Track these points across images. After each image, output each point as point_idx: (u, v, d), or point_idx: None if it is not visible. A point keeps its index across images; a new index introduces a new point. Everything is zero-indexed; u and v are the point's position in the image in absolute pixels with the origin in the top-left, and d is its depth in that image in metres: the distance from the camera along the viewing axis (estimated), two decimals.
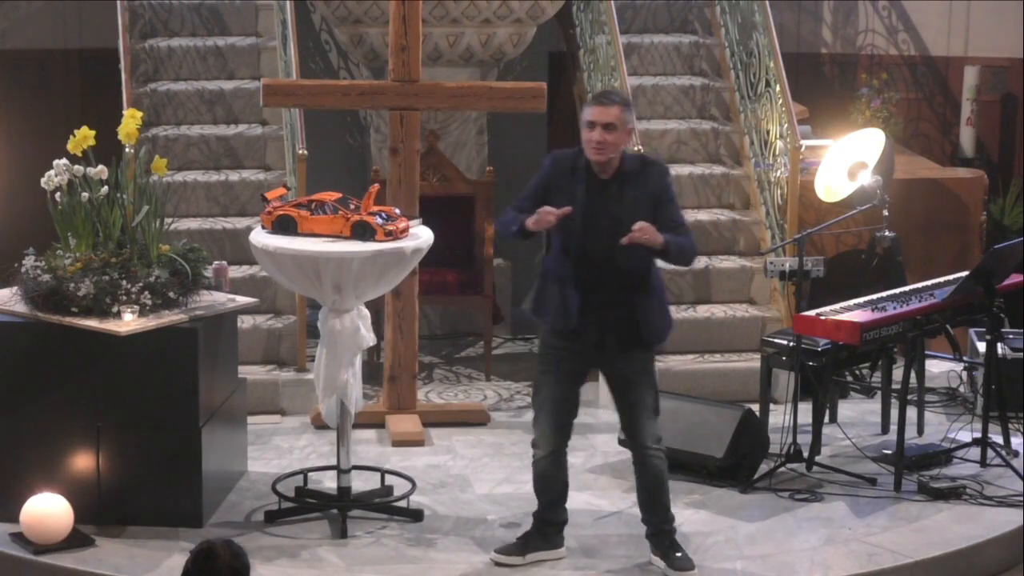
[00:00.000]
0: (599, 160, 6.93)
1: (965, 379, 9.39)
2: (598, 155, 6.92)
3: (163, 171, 7.77)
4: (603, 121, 6.90)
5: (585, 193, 6.95)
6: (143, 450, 7.49)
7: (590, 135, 6.92)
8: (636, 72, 10.69)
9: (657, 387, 7.19)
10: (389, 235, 7.48)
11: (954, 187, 10.41)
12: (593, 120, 6.91)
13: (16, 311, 7.53)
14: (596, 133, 6.90)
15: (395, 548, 7.40)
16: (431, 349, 10.33)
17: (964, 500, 7.97)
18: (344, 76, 11.01)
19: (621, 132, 6.93)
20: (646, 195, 6.96)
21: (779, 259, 9.16)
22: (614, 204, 6.95)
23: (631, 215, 6.89)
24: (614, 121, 6.90)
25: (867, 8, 11.87)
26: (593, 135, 6.91)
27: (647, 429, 7.13)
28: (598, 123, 6.90)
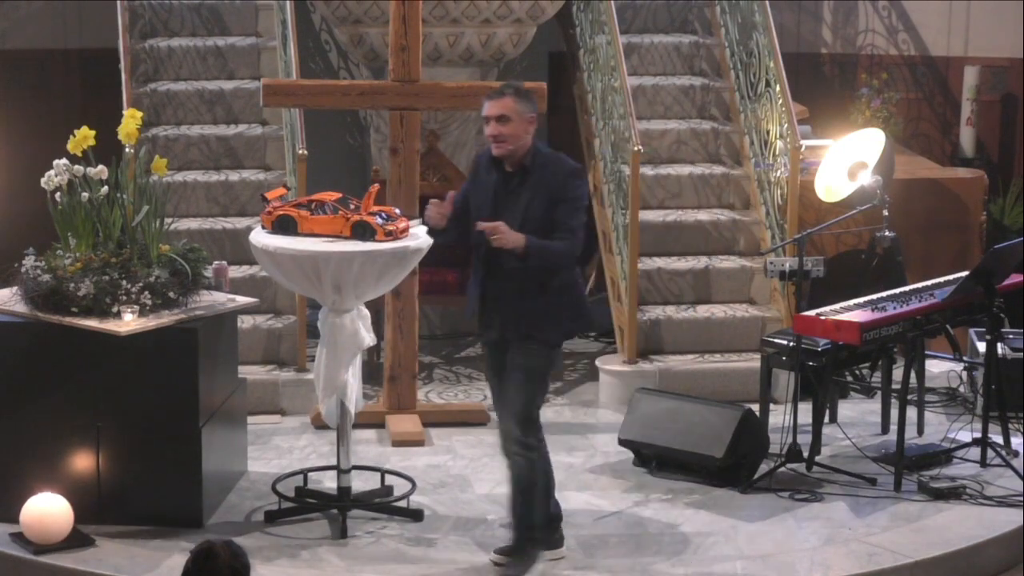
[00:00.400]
0: (500, 153, 6.95)
1: (965, 379, 9.39)
2: (497, 149, 6.95)
3: (163, 171, 7.77)
4: (495, 114, 6.92)
5: (493, 186, 7.00)
6: (143, 450, 7.49)
7: (487, 130, 6.96)
8: (636, 72, 10.69)
9: (537, 389, 7.05)
10: (389, 235, 7.48)
11: (954, 187, 10.41)
12: (487, 115, 6.95)
13: (16, 311, 7.53)
14: (491, 127, 6.93)
15: (395, 548, 7.40)
16: (431, 349, 10.33)
17: (964, 500, 7.97)
18: (344, 76, 11.01)
19: (518, 123, 6.92)
20: (545, 192, 6.92)
21: (779, 259, 9.16)
22: (514, 198, 6.96)
23: (529, 210, 6.90)
24: (507, 113, 6.91)
25: (867, 8, 11.87)
26: (489, 130, 6.95)
27: (510, 428, 7.05)
28: (492, 116, 6.92)
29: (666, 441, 8.29)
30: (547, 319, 6.99)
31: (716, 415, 8.23)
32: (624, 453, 8.51)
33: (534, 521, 7.10)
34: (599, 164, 10.16)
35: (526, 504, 7.08)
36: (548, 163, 6.99)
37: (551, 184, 6.92)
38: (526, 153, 6.96)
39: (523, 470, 7.04)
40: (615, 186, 9.83)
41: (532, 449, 7.04)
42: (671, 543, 7.49)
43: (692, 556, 7.35)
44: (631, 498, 8.02)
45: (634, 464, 8.44)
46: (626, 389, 9.15)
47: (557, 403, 9.50)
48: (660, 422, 8.35)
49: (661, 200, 10.19)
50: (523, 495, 7.08)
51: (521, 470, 7.04)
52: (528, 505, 7.08)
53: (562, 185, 6.94)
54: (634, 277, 9.45)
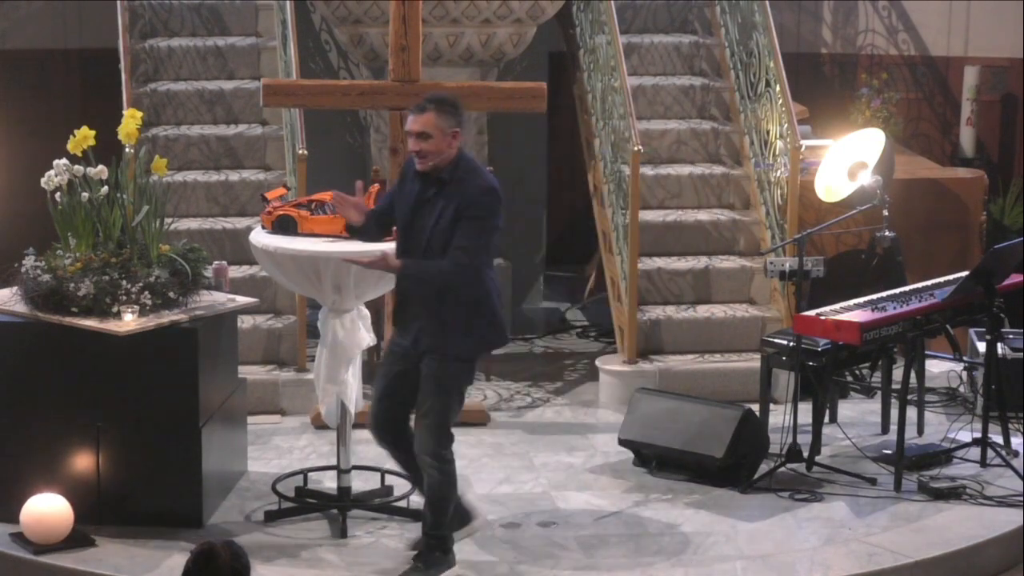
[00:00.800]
0: (422, 169, 6.85)
1: (965, 379, 9.39)
2: (420, 165, 6.85)
3: (163, 171, 7.77)
4: (416, 130, 6.81)
5: (413, 196, 6.91)
6: (143, 450, 7.49)
7: (409, 146, 6.87)
8: (636, 72, 10.69)
9: (450, 402, 7.01)
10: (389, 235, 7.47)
11: (954, 187, 10.41)
12: (408, 130, 6.86)
13: (16, 311, 7.53)
14: (412, 143, 6.84)
15: (395, 548, 7.40)
16: None
17: (964, 500, 7.97)
18: (344, 76, 11.01)
19: (439, 139, 6.80)
20: (454, 206, 6.81)
21: (779, 259, 9.15)
22: (429, 208, 6.86)
23: (439, 222, 6.81)
24: (427, 129, 6.79)
25: (867, 8, 11.87)
26: (411, 146, 6.86)
27: (422, 439, 6.99)
28: (413, 132, 6.83)
29: (666, 441, 8.29)
30: (458, 333, 6.89)
31: (716, 415, 8.23)
32: (624, 453, 8.51)
33: (445, 532, 7.07)
34: (599, 164, 10.16)
35: (438, 515, 7.05)
36: (465, 177, 6.86)
37: (461, 199, 6.80)
38: (447, 165, 6.84)
39: (437, 483, 7.00)
40: (615, 186, 9.83)
41: (446, 462, 7.00)
42: (671, 543, 7.49)
43: (692, 556, 7.35)
44: (631, 498, 8.02)
45: (634, 464, 8.44)
46: (626, 389, 9.15)
47: (557, 403, 9.51)
48: (660, 422, 8.35)
49: (661, 200, 10.19)
50: (435, 506, 7.04)
51: (435, 482, 7.00)
52: (441, 516, 7.05)
53: (470, 202, 6.79)
54: (634, 277, 9.45)
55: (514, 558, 7.33)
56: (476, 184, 6.85)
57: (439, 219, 6.81)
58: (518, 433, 8.95)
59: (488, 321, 6.95)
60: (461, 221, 6.77)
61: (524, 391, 9.70)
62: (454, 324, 6.87)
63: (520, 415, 9.29)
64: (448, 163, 6.84)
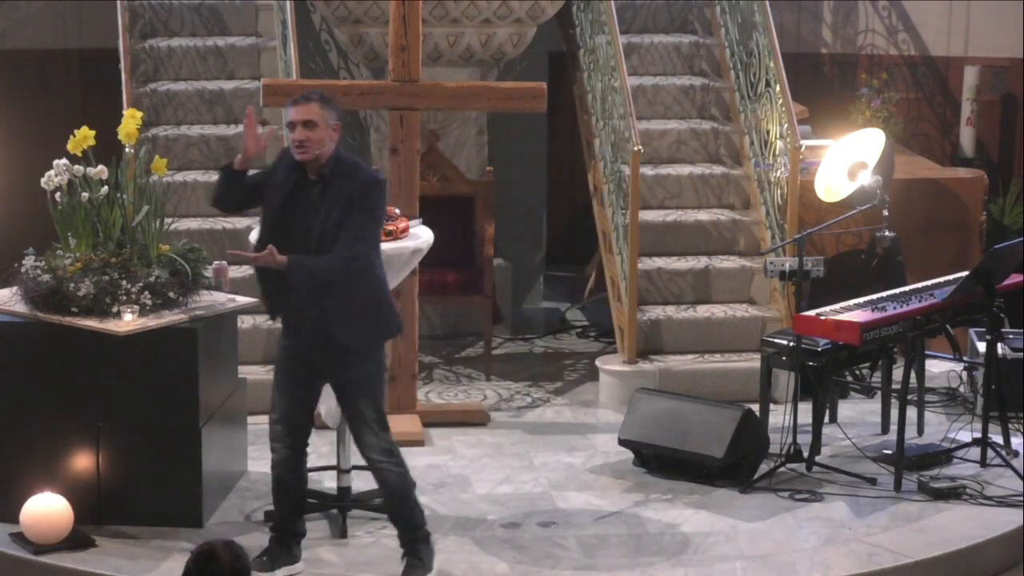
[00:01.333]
0: (304, 159, 6.79)
1: (965, 379, 9.39)
2: (302, 155, 6.78)
3: (163, 171, 7.77)
4: (301, 119, 6.77)
5: (289, 188, 6.85)
6: (143, 450, 7.48)
7: (292, 136, 6.79)
8: (636, 72, 10.69)
9: (378, 395, 6.98)
10: (389, 235, 7.47)
11: (954, 187, 10.41)
12: (293, 120, 6.78)
13: (16, 311, 7.52)
14: (297, 132, 6.77)
15: (395, 548, 7.39)
16: (431, 349, 10.33)
17: (964, 500, 7.97)
18: (344, 76, 11.01)
19: (323, 129, 6.77)
20: (343, 200, 6.77)
21: (779, 259, 9.15)
22: (313, 208, 6.80)
23: (325, 219, 6.77)
24: (313, 118, 6.76)
25: (867, 8, 11.87)
26: (295, 135, 6.77)
27: (369, 442, 6.96)
28: (297, 122, 6.78)
29: (666, 441, 8.29)
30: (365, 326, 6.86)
31: (716, 415, 8.23)
32: (624, 453, 8.51)
33: (419, 522, 7.07)
34: (599, 164, 10.16)
35: (410, 510, 7.05)
36: (348, 172, 6.82)
37: (350, 192, 6.77)
38: (327, 161, 6.80)
39: (396, 479, 7.00)
40: (615, 186, 9.83)
41: (396, 455, 6.99)
42: (671, 543, 7.49)
43: (692, 556, 7.35)
44: (631, 498, 8.02)
45: (634, 464, 8.44)
46: (626, 389, 9.15)
47: (557, 403, 9.51)
48: (660, 422, 8.35)
49: (661, 200, 10.19)
50: (404, 503, 7.04)
51: (394, 480, 6.99)
52: (412, 510, 7.05)
53: (362, 194, 6.77)
54: (634, 277, 9.45)
55: (514, 558, 7.32)
56: (363, 178, 6.83)
57: (326, 218, 6.75)
58: (518, 433, 8.95)
59: (387, 310, 6.96)
60: (352, 213, 6.73)
61: (524, 391, 9.70)
62: (357, 318, 6.83)
63: (520, 415, 9.29)
64: (328, 159, 6.81)
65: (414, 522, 7.07)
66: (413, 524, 7.06)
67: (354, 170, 6.85)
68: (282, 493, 7.15)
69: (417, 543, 7.06)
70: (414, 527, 7.06)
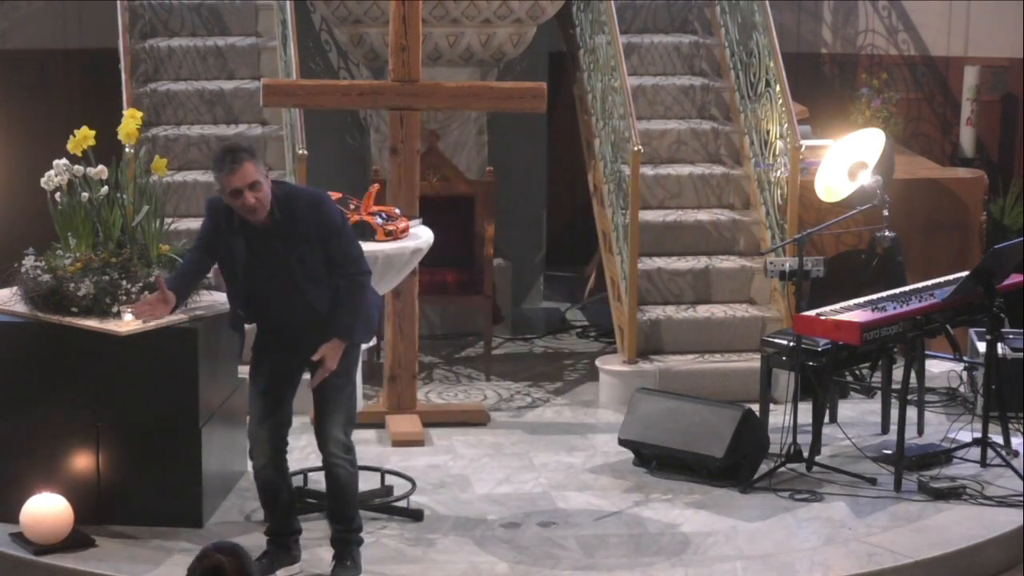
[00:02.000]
0: (258, 220, 6.71)
1: (965, 379, 9.39)
2: (256, 216, 6.69)
3: (163, 171, 7.77)
4: (246, 184, 6.63)
5: (245, 246, 6.78)
6: (143, 450, 7.48)
7: (241, 201, 6.64)
8: (636, 72, 10.69)
9: (353, 391, 7.02)
10: (389, 235, 7.48)
11: (954, 187, 10.41)
12: (238, 187, 6.62)
13: (16, 311, 7.52)
14: (248, 198, 6.63)
15: (395, 548, 7.40)
16: (431, 349, 10.33)
17: (964, 500, 7.97)
18: (344, 76, 11.01)
19: (264, 182, 6.69)
20: (304, 233, 6.73)
21: (779, 259, 9.16)
22: (277, 249, 6.74)
23: (299, 256, 6.74)
24: (256, 178, 6.65)
25: (867, 8, 11.87)
26: (246, 201, 6.64)
27: (331, 435, 6.99)
28: (243, 187, 6.63)
29: (666, 441, 8.29)
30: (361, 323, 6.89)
31: (716, 415, 8.23)
32: (624, 453, 8.51)
33: (359, 524, 7.12)
34: (599, 164, 10.15)
35: (353, 508, 7.08)
36: (294, 205, 6.74)
37: (310, 222, 6.73)
38: (271, 206, 6.73)
39: (348, 476, 7.04)
40: (615, 186, 9.83)
41: (352, 453, 7.05)
42: (671, 543, 7.49)
43: (692, 556, 7.35)
44: (631, 498, 8.02)
45: (634, 464, 8.44)
46: (626, 389, 9.15)
47: (557, 403, 9.51)
48: (660, 422, 8.35)
49: (661, 200, 10.19)
50: (350, 500, 7.07)
51: (347, 476, 7.03)
52: (355, 508, 7.09)
53: (320, 221, 6.73)
54: (634, 277, 9.45)
55: (514, 558, 7.32)
56: (306, 202, 6.77)
57: (303, 260, 6.72)
58: (518, 433, 8.95)
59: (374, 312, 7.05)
60: (332, 240, 6.72)
61: (524, 391, 9.70)
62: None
63: (520, 415, 9.29)
64: (270, 204, 6.73)
65: (355, 523, 7.10)
66: (353, 526, 7.09)
67: (293, 203, 6.74)
68: (271, 496, 7.14)
69: (351, 545, 7.08)
70: (354, 528, 7.09)
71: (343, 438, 7.00)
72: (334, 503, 7.11)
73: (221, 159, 6.69)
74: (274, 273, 6.79)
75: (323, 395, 6.96)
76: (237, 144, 6.86)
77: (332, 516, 7.14)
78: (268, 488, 7.12)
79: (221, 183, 6.70)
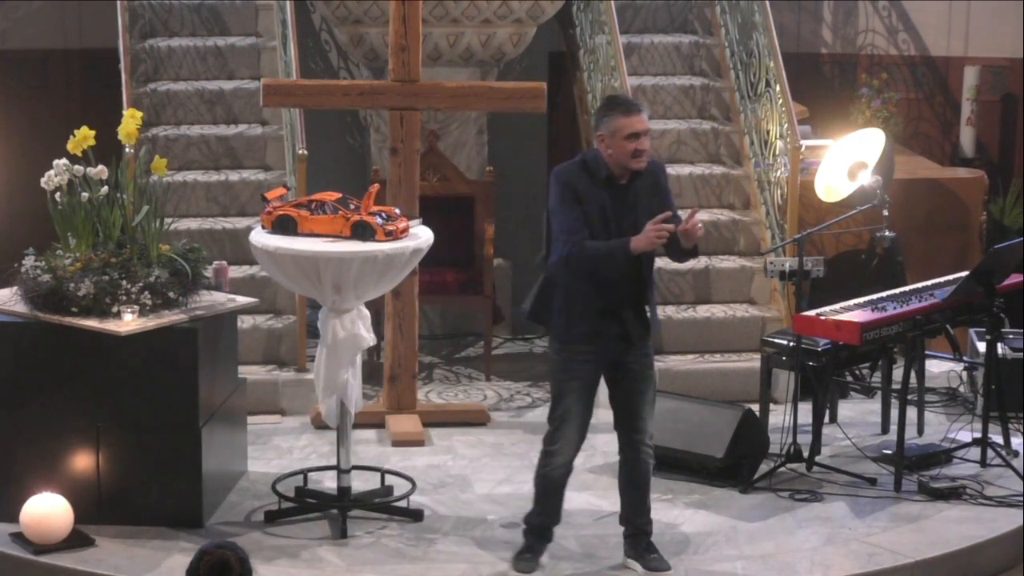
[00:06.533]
0: (640, 168, 6.97)
1: (965, 379, 9.39)
2: (640, 163, 6.96)
3: (163, 171, 7.77)
4: (645, 129, 6.95)
5: (611, 200, 6.97)
6: (143, 450, 7.49)
7: (635, 144, 6.91)
8: (636, 72, 10.69)
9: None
10: (389, 235, 7.48)
11: (954, 187, 10.41)
12: (637, 131, 6.92)
13: (16, 311, 7.53)
14: (642, 142, 6.93)
15: (395, 548, 7.41)
16: (431, 349, 10.34)
17: (964, 500, 7.97)
18: (344, 76, 11.01)
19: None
20: (651, 192, 7.03)
21: (779, 259, 9.16)
22: (631, 206, 6.99)
23: (646, 214, 6.96)
24: (649, 128, 6.99)
25: (867, 8, 11.87)
26: (640, 144, 6.92)
27: (647, 428, 7.18)
28: (642, 132, 6.93)
29: (666, 441, 8.28)
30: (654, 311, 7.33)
31: (716, 415, 8.23)
32: None
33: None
34: None
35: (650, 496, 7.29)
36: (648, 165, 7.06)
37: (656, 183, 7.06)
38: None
39: (651, 464, 7.27)
40: None
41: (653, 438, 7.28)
42: (671, 543, 7.48)
43: (692, 556, 7.35)
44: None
45: None
46: None
47: None
48: (660, 422, 8.32)
49: None
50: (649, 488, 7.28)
51: (650, 465, 7.25)
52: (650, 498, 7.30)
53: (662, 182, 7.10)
54: None
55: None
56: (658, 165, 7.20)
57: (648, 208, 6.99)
58: (518, 433, 8.95)
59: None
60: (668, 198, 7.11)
61: (524, 391, 9.70)
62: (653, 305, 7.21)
63: (520, 415, 9.29)
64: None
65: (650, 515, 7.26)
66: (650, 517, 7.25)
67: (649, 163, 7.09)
68: (554, 492, 7.20)
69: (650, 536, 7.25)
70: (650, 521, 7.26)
71: (650, 426, 7.18)
72: (640, 494, 7.22)
73: (619, 102, 7.04)
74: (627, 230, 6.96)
75: (642, 388, 7.12)
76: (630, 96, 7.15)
77: (636, 508, 7.22)
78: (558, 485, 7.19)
79: (614, 125, 6.92)
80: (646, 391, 7.16)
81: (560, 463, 7.14)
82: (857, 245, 10.09)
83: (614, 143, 6.93)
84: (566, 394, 7.10)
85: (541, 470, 7.19)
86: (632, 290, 7.04)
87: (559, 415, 7.12)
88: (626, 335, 7.05)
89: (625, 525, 7.26)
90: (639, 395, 7.14)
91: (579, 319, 7.02)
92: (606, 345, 7.05)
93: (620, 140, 6.92)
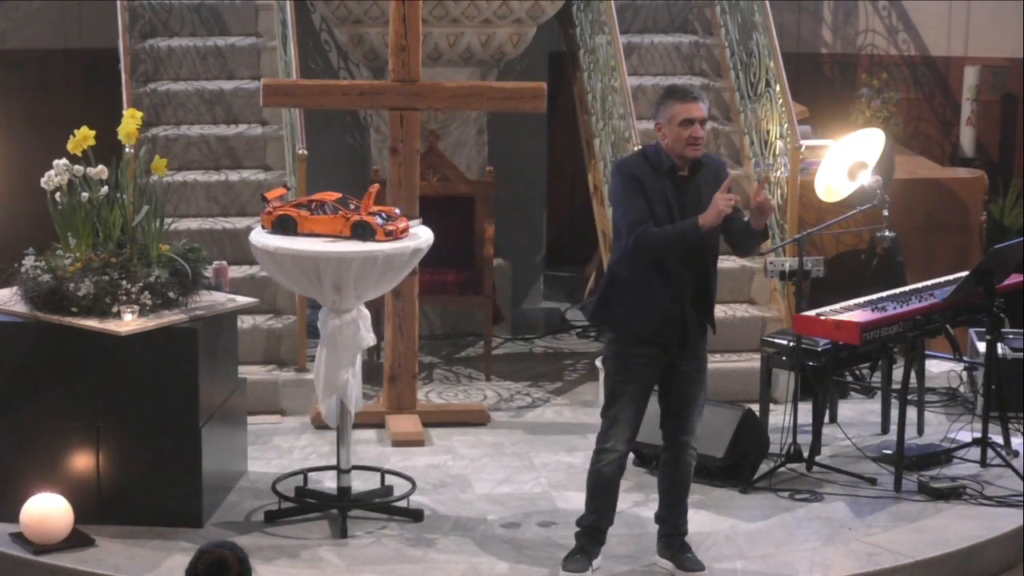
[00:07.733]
0: (697, 155, 6.97)
1: (965, 379, 9.39)
2: (697, 150, 6.97)
3: (163, 171, 7.78)
4: (701, 116, 6.97)
5: (675, 190, 6.97)
6: (143, 450, 7.49)
7: (690, 131, 6.92)
8: (636, 72, 10.69)
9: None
10: (389, 235, 7.48)
11: (954, 187, 10.41)
12: (693, 117, 6.94)
13: (16, 311, 7.53)
14: (697, 129, 6.95)
15: (395, 548, 7.41)
16: (431, 349, 10.34)
17: (964, 500, 7.97)
18: (344, 76, 11.01)
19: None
20: (714, 185, 6.97)
21: (779, 259, 9.16)
22: (694, 197, 6.98)
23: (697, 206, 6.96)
24: (706, 116, 7.01)
25: (867, 8, 11.87)
26: (695, 131, 6.94)
27: (696, 429, 7.18)
28: (697, 119, 6.95)
29: None
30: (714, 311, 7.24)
31: (716, 415, 8.22)
32: None
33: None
34: (599, 164, 10.16)
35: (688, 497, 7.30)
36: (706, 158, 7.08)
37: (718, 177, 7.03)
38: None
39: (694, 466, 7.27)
40: None
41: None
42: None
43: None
44: (631, 498, 8.02)
45: (634, 464, 8.43)
46: None
47: (557, 403, 9.50)
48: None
49: None
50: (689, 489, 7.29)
51: (692, 467, 7.25)
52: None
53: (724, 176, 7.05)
54: None
55: (514, 558, 7.33)
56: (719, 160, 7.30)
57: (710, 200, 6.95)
58: (518, 433, 8.95)
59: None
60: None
61: (524, 391, 9.70)
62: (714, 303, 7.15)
63: (520, 415, 9.29)
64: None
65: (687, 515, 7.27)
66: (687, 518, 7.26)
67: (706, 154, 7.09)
68: (607, 490, 7.17)
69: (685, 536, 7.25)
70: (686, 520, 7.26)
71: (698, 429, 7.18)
72: (680, 495, 7.22)
73: (675, 90, 7.04)
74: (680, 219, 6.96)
75: (694, 392, 7.10)
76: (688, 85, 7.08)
77: (675, 509, 7.22)
78: (612, 484, 7.17)
79: (670, 112, 6.95)
80: (697, 395, 7.13)
81: (612, 459, 7.11)
82: (857, 245, 10.09)
83: (670, 131, 6.94)
84: (621, 395, 7.07)
85: (593, 467, 7.17)
86: (696, 282, 6.99)
87: (612, 414, 7.09)
88: (684, 336, 7.00)
89: (660, 524, 7.26)
90: (690, 399, 7.13)
91: (641, 315, 6.96)
92: (664, 348, 7.01)
93: (676, 127, 6.93)
